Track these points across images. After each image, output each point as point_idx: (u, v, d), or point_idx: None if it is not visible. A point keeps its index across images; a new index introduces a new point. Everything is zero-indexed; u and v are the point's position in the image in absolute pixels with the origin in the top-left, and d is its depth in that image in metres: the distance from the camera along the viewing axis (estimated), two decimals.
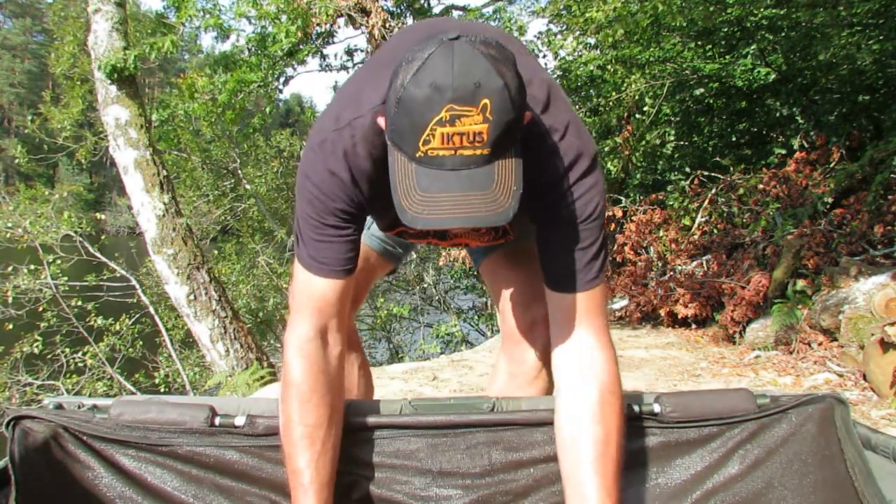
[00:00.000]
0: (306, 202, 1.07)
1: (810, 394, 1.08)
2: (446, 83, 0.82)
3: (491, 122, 0.83)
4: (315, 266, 1.09)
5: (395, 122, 0.87)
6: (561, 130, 1.04)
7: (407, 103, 0.84)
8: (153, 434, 1.09)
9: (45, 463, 1.03)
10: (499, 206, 0.86)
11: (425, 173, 0.86)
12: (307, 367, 1.08)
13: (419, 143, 0.85)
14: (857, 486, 0.97)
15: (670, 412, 1.10)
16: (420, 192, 0.87)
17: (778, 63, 6.35)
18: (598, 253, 1.09)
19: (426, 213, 0.86)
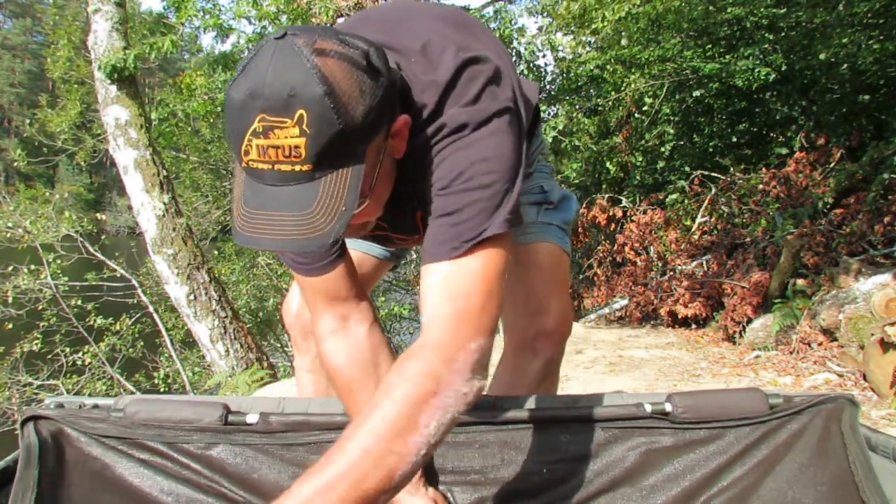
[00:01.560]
0: None
1: (823, 394, 1.08)
2: (259, 90, 0.74)
3: (308, 135, 0.74)
4: (303, 269, 1.06)
5: (225, 126, 0.80)
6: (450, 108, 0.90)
7: (228, 108, 0.77)
8: (168, 432, 1.09)
9: (62, 463, 1.04)
10: (314, 229, 0.77)
11: (249, 185, 0.79)
12: (338, 358, 1.09)
13: (241, 152, 0.77)
14: (859, 485, 0.97)
15: (682, 412, 1.10)
16: (244, 206, 0.79)
17: (778, 63, 6.35)
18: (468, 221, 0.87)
19: (245, 229, 0.79)
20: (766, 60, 6.46)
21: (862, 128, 6.43)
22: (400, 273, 10.06)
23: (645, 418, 1.11)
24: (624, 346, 5.10)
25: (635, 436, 1.11)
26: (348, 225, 0.79)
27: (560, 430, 1.10)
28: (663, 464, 1.11)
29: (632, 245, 6.66)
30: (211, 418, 1.09)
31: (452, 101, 0.91)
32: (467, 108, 0.90)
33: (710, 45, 6.92)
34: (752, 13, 6.17)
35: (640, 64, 6.85)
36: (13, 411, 6.38)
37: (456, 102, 0.91)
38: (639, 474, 1.11)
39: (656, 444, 1.11)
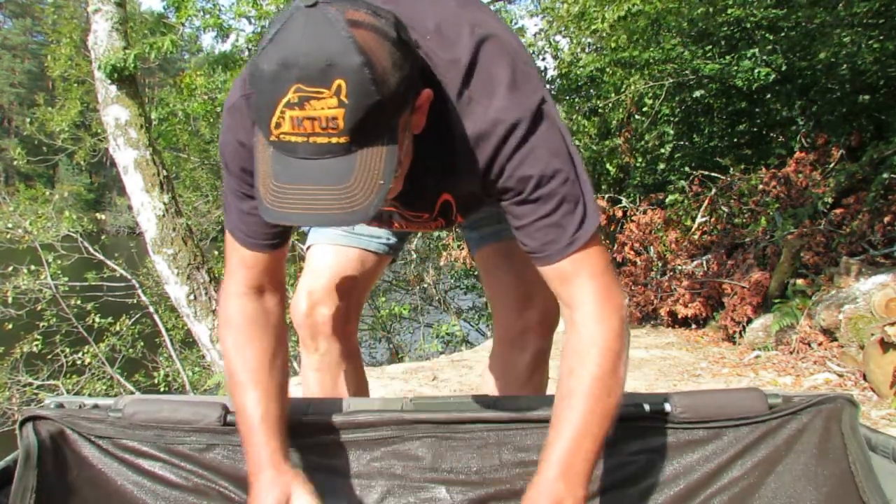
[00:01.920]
0: (224, 169, 1.00)
1: (822, 394, 1.08)
2: (294, 60, 0.71)
3: (347, 105, 0.73)
4: (241, 237, 1.03)
5: (252, 100, 0.78)
6: (488, 97, 0.90)
7: (257, 79, 0.75)
8: (167, 433, 1.09)
9: (61, 463, 1.03)
10: (354, 203, 0.76)
11: (279, 159, 0.77)
12: (242, 313, 1.05)
13: (271, 125, 0.75)
14: (860, 485, 0.97)
15: (681, 412, 1.10)
16: (274, 181, 0.77)
17: (778, 63, 6.36)
18: (568, 215, 0.93)
19: (277, 205, 0.77)
20: (766, 61, 6.46)
21: (862, 128, 6.43)
22: (400, 273, 10.06)
23: (644, 418, 1.11)
24: None
25: (634, 436, 1.11)
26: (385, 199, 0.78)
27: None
28: (662, 464, 1.11)
29: (632, 245, 6.66)
30: (209, 419, 1.09)
31: (483, 85, 0.90)
32: (511, 98, 0.90)
33: (711, 45, 6.93)
34: (752, 14, 6.17)
35: (640, 65, 6.85)
36: (13, 411, 6.38)
37: (489, 88, 0.90)
38: (638, 474, 1.11)
39: (655, 444, 1.11)
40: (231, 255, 1.06)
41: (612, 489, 1.11)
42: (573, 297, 0.96)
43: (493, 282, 1.43)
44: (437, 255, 8.38)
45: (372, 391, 1.65)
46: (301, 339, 1.43)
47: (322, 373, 1.44)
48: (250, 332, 1.05)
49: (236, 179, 0.98)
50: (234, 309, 1.06)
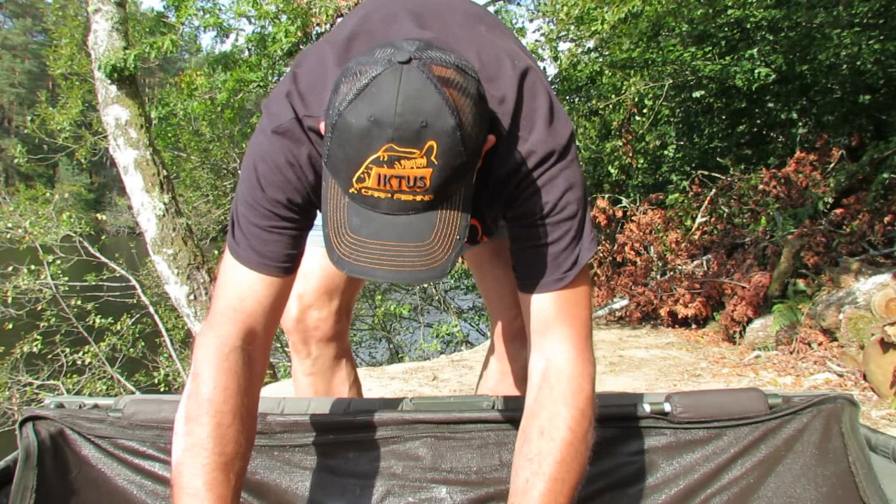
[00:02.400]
0: (257, 186, 0.92)
1: (822, 394, 1.08)
2: (388, 119, 0.70)
3: (436, 166, 0.72)
4: (255, 260, 0.93)
5: (330, 149, 0.76)
6: (528, 130, 0.91)
7: (342, 133, 0.73)
8: (166, 433, 1.07)
9: (60, 463, 1.03)
10: (434, 259, 0.76)
11: (357, 211, 0.76)
12: (229, 383, 0.88)
13: (353, 178, 0.74)
14: (860, 485, 0.98)
15: (681, 412, 1.10)
16: (351, 233, 0.77)
17: (778, 63, 6.35)
18: (565, 250, 0.94)
19: (353, 257, 0.76)
20: (766, 61, 6.46)
21: (862, 128, 6.43)
22: None
23: (644, 418, 1.11)
24: (624, 346, 5.10)
25: (634, 435, 1.11)
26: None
27: None
28: (662, 463, 1.11)
29: (632, 245, 6.66)
30: None
31: (526, 121, 0.91)
32: (548, 132, 0.92)
33: (710, 46, 6.93)
34: (752, 14, 6.17)
35: (640, 66, 6.85)
36: (13, 411, 6.39)
37: (530, 122, 0.92)
38: (638, 474, 1.11)
39: (655, 444, 1.11)
40: (228, 290, 0.94)
41: (613, 489, 1.11)
42: (548, 343, 0.94)
43: (489, 279, 1.43)
44: None
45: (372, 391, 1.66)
46: (292, 344, 1.42)
47: (315, 377, 1.43)
48: (235, 413, 0.88)
49: (273, 196, 0.92)
50: (217, 378, 0.89)
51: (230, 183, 11.34)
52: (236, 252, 0.95)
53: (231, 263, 0.96)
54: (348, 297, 1.45)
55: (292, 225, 0.95)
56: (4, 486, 0.97)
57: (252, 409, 0.93)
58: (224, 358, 0.90)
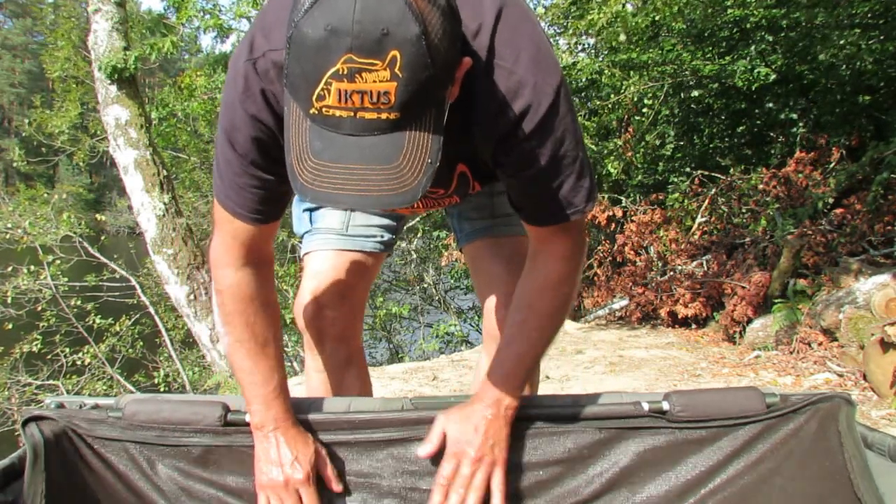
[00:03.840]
0: (223, 137, 0.93)
1: (819, 393, 1.08)
2: (345, 27, 0.64)
3: (401, 79, 0.67)
4: (230, 207, 0.99)
5: (288, 67, 0.70)
6: (512, 62, 0.86)
7: (298, 46, 0.67)
8: (168, 433, 1.08)
9: (62, 464, 1.03)
10: (403, 184, 0.71)
11: (319, 134, 0.71)
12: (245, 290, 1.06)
13: (312, 97, 0.69)
14: (854, 483, 0.98)
15: (679, 411, 1.10)
16: (313, 158, 0.71)
17: (778, 63, 6.36)
18: (574, 188, 0.95)
19: (317, 183, 0.71)
20: (765, 61, 6.46)
21: (862, 128, 6.44)
22: (400, 273, 10.06)
23: (642, 417, 1.11)
24: (624, 346, 5.10)
25: (633, 435, 1.11)
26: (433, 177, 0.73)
27: (558, 429, 1.11)
28: (660, 462, 1.11)
29: (632, 245, 6.66)
30: (210, 419, 1.08)
31: (508, 52, 0.87)
32: (535, 68, 0.88)
33: (710, 46, 6.93)
34: (751, 14, 6.17)
35: (639, 66, 6.85)
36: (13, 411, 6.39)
37: (514, 54, 0.87)
38: (636, 473, 1.11)
39: (654, 443, 1.11)
40: (221, 224, 1.04)
41: (610, 488, 1.11)
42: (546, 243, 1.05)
43: (484, 276, 1.44)
44: (438, 255, 8.38)
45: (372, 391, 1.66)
46: (306, 341, 1.43)
47: (327, 374, 1.44)
48: (255, 304, 1.06)
49: (240, 151, 0.92)
50: (233, 280, 1.05)
51: None
52: (218, 197, 1.00)
53: (217, 203, 1.02)
54: (361, 297, 1.46)
55: (265, 181, 0.95)
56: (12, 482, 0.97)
57: (270, 298, 1.10)
58: (235, 274, 1.05)
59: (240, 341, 1.07)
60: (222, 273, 1.06)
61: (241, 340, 1.07)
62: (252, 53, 0.87)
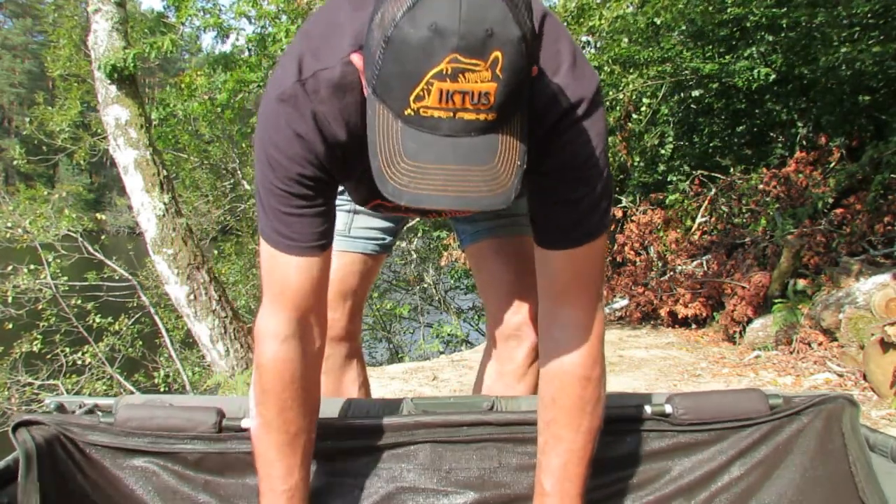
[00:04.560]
0: (268, 167, 0.89)
1: (822, 394, 1.08)
2: (452, 26, 0.64)
3: (500, 81, 0.67)
4: (283, 243, 0.92)
5: (382, 68, 0.69)
6: (553, 72, 0.87)
7: (399, 46, 0.66)
8: (162, 440, 1.07)
9: (54, 470, 1.01)
10: (500, 185, 0.71)
11: (414, 136, 0.70)
12: (286, 371, 0.97)
13: (410, 98, 0.68)
14: (859, 485, 0.98)
15: (682, 414, 1.10)
16: (407, 160, 0.70)
17: (778, 63, 6.35)
18: (595, 205, 0.93)
19: (413, 186, 0.70)
20: (765, 61, 6.46)
21: (862, 128, 6.43)
22: (400, 273, 10.06)
23: (645, 420, 1.11)
24: (624, 346, 5.10)
25: (635, 437, 1.11)
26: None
27: None
28: (663, 465, 1.11)
29: (632, 245, 6.66)
30: (204, 426, 1.07)
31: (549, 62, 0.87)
32: (574, 76, 0.88)
33: (710, 45, 6.92)
34: (751, 12, 6.17)
35: (639, 64, 6.84)
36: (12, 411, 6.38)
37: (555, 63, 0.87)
38: (639, 475, 1.11)
39: (657, 446, 1.11)
40: (271, 276, 0.96)
41: (612, 490, 1.11)
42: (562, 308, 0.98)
43: (487, 277, 1.43)
44: (438, 255, 8.37)
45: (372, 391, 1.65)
46: None
47: (326, 375, 1.43)
48: (294, 398, 0.98)
49: (284, 176, 0.89)
50: (276, 354, 0.96)
51: (229, 183, 11.34)
52: (267, 237, 0.94)
53: (267, 249, 0.95)
54: (360, 298, 1.47)
55: (312, 203, 0.91)
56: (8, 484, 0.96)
57: (313, 387, 1.02)
58: (279, 349, 0.96)
59: (268, 427, 0.98)
60: (266, 345, 0.97)
61: (270, 427, 0.98)
62: (301, 74, 0.86)
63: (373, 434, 1.11)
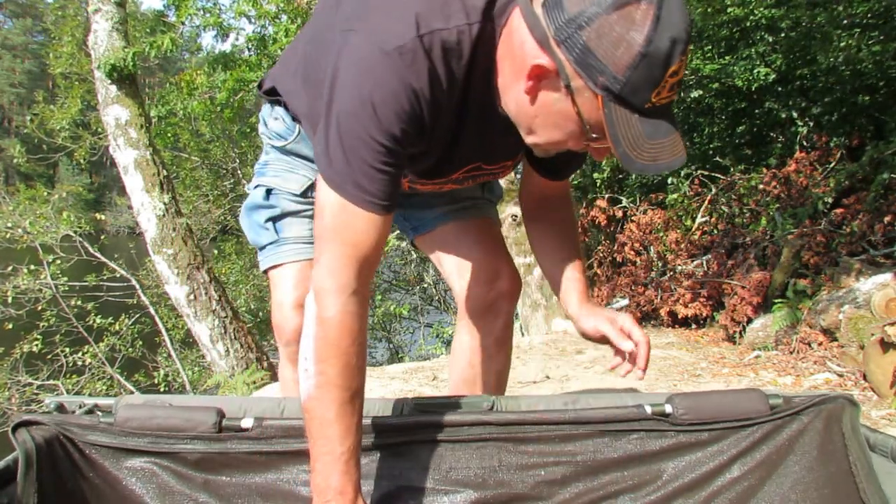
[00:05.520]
0: (369, 119, 0.90)
1: (822, 394, 1.08)
2: (683, 36, 0.81)
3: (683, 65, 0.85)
4: (364, 198, 0.93)
5: (631, 76, 0.82)
6: None
7: (651, 59, 0.81)
8: (162, 440, 1.06)
9: (54, 471, 1.01)
10: (682, 144, 0.90)
11: (650, 122, 0.86)
12: (353, 325, 0.96)
13: (653, 94, 0.84)
14: (860, 485, 0.98)
15: (682, 414, 1.10)
16: (648, 141, 0.86)
17: (778, 63, 6.35)
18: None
19: (657, 159, 0.88)
20: (765, 61, 6.46)
21: (862, 128, 6.43)
22: (400, 273, 10.07)
23: (645, 420, 1.11)
24: None
25: (635, 437, 1.11)
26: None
27: (559, 430, 1.10)
28: (663, 465, 1.11)
29: (632, 245, 6.66)
30: (204, 426, 1.06)
31: None
32: None
33: (710, 45, 6.93)
34: (751, 13, 6.17)
35: None
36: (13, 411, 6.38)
37: None
38: (639, 476, 1.11)
39: (656, 446, 1.11)
40: (342, 230, 0.96)
41: (611, 491, 1.11)
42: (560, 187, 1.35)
43: (456, 258, 1.45)
44: None
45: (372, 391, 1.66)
46: (290, 353, 1.38)
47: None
48: (357, 352, 0.98)
49: (384, 130, 0.91)
50: (342, 307, 0.96)
51: (230, 182, 11.35)
52: (345, 191, 0.94)
53: (339, 202, 0.95)
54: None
55: (399, 162, 0.95)
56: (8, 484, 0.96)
57: (366, 346, 1.02)
58: (346, 302, 0.96)
59: (329, 385, 0.96)
60: (331, 298, 0.96)
61: (332, 385, 0.95)
62: (419, 30, 0.89)
63: (373, 433, 1.11)
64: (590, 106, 0.87)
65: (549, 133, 0.95)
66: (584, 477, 1.10)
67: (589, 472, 1.10)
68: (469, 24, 0.91)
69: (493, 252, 1.43)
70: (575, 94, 0.87)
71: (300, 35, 1.25)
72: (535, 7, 0.88)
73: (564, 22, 0.83)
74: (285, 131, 1.32)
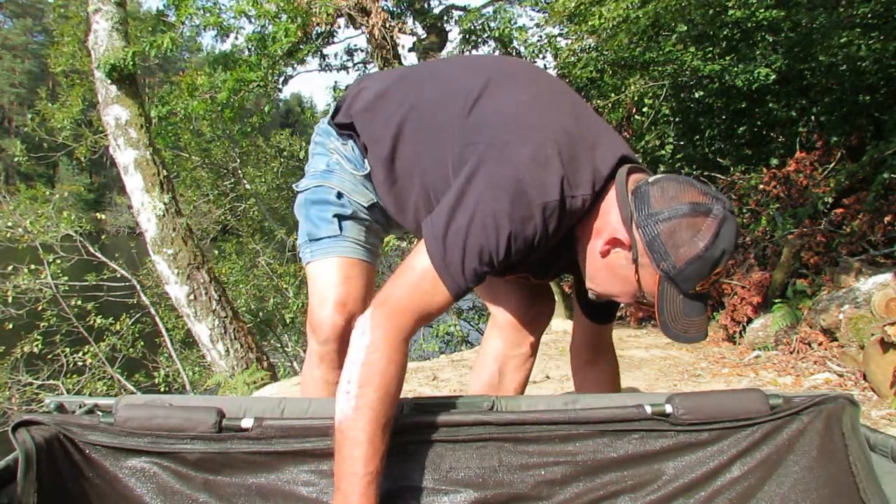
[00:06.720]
0: (494, 244, 1.08)
1: (822, 394, 1.08)
2: (731, 248, 1.07)
3: None
4: (455, 287, 1.10)
5: (687, 271, 1.06)
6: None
7: (706, 261, 1.05)
8: (162, 440, 1.06)
9: (54, 471, 1.01)
10: (706, 324, 1.14)
11: (689, 303, 1.09)
12: (399, 368, 1.07)
13: (697, 285, 1.07)
14: (860, 485, 0.98)
15: (682, 414, 1.10)
16: (684, 318, 1.10)
17: (778, 64, 6.35)
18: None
19: (690, 332, 1.10)
20: (766, 61, 6.45)
21: (862, 128, 6.43)
22: None
23: (645, 420, 1.11)
24: (624, 346, 5.10)
25: (635, 437, 1.11)
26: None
27: (559, 431, 1.10)
28: (663, 465, 1.11)
29: None
30: (204, 426, 1.06)
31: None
32: None
33: (711, 46, 6.92)
34: (752, 14, 6.16)
35: (640, 65, 6.84)
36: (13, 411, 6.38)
37: None
38: (639, 476, 1.11)
39: (656, 446, 1.11)
40: (422, 300, 1.10)
41: (612, 490, 1.11)
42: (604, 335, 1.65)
43: (506, 291, 1.62)
44: None
45: None
46: (327, 353, 1.42)
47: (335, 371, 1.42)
48: (398, 390, 1.08)
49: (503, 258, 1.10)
50: (393, 363, 1.06)
51: (230, 182, 11.34)
52: (445, 276, 1.09)
53: (430, 274, 1.10)
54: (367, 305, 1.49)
55: (493, 272, 1.15)
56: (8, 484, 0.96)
57: (403, 381, 1.12)
58: (399, 342, 1.08)
59: (365, 410, 1.02)
60: (383, 336, 1.07)
61: (368, 410, 1.02)
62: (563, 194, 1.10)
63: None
64: (649, 279, 1.10)
65: (609, 286, 1.19)
66: (585, 477, 1.10)
67: (589, 472, 1.10)
68: (592, 193, 1.14)
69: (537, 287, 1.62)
70: (639, 267, 1.10)
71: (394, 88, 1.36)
72: (629, 189, 1.12)
73: (647, 214, 1.07)
74: (359, 165, 1.43)
